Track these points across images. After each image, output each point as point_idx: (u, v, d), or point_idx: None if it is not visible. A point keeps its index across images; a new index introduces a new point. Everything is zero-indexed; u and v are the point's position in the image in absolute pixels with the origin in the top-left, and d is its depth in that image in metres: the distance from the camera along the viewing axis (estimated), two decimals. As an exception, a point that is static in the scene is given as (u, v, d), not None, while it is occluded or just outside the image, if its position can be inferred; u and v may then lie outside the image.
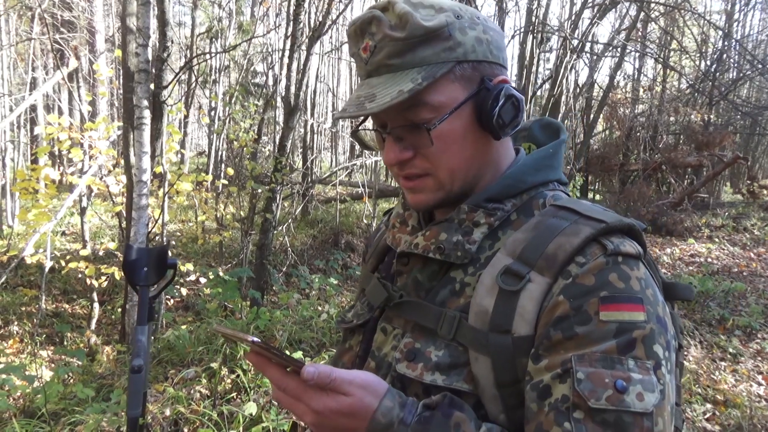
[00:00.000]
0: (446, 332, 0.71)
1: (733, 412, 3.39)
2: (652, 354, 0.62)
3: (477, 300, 0.70)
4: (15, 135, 10.14)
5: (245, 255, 5.70)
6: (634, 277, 0.65)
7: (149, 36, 3.63)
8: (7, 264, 4.55)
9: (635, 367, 0.61)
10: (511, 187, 0.77)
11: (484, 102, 0.72)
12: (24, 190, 4.28)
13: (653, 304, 0.65)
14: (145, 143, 3.71)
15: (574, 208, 0.72)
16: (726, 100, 12.76)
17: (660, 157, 11.07)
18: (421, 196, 0.77)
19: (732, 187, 17.37)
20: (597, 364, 0.61)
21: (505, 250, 0.71)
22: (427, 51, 0.70)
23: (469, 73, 0.72)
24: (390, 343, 0.77)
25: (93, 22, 9.74)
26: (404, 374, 0.72)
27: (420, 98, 0.70)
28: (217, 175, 9.11)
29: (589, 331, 0.63)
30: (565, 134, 0.87)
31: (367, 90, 0.71)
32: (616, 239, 0.68)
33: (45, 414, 2.90)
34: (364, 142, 0.89)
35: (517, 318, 0.67)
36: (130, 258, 1.15)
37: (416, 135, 0.73)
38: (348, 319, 0.88)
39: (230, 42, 10.10)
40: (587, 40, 9.80)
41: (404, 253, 0.80)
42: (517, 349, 0.67)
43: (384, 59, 0.71)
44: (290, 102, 5.41)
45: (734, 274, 6.94)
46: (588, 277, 0.65)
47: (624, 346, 0.62)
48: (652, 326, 0.63)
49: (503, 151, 0.80)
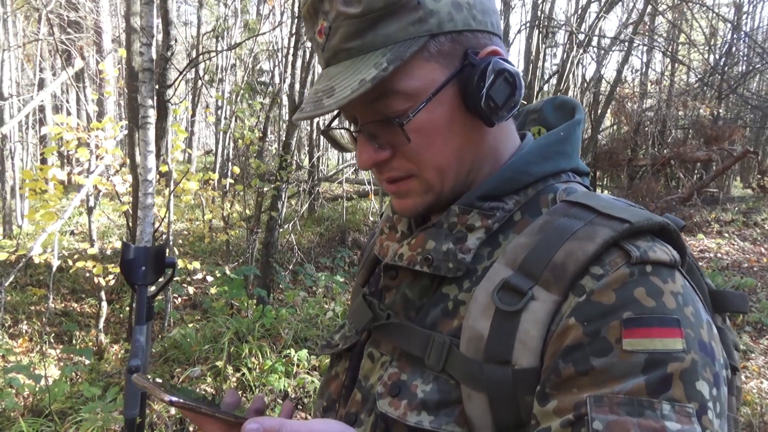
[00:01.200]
0: (434, 362, 0.58)
1: (744, 409, 3.35)
2: (695, 394, 0.47)
3: (470, 322, 0.56)
4: (23, 136, 10.21)
5: (252, 253, 5.71)
6: (668, 292, 0.51)
7: (153, 35, 3.64)
8: (15, 263, 4.58)
9: (672, 414, 0.46)
10: (512, 180, 0.63)
11: (468, 81, 0.59)
12: (32, 190, 4.31)
13: (694, 326, 0.50)
14: (150, 142, 3.72)
15: (590, 204, 0.57)
16: (735, 94, 12.62)
17: (669, 152, 10.98)
18: (408, 201, 0.65)
19: (742, 182, 17.20)
20: (620, 409, 0.47)
21: (504, 259, 0.58)
22: (391, 26, 0.56)
23: (448, 47, 0.58)
24: (377, 371, 0.65)
25: (99, 22, 9.78)
26: (386, 413, 0.59)
27: (388, 86, 0.57)
28: (224, 173, 9.14)
29: (608, 364, 0.49)
30: (582, 114, 0.71)
31: (325, 83, 0.59)
32: (643, 243, 0.54)
33: (52, 413, 2.92)
34: (338, 142, 0.74)
35: (518, 346, 0.53)
36: (127, 257, 1.14)
37: (391, 131, 0.60)
38: (334, 342, 0.75)
39: (236, 41, 10.11)
40: (594, 34, 9.74)
41: (391, 265, 0.67)
42: (518, 384, 0.53)
43: (340, 42, 0.58)
44: (295, 99, 5.40)
45: (744, 269, 6.88)
46: (607, 294, 0.51)
47: (656, 385, 0.47)
48: (693, 356, 0.48)
49: (503, 138, 0.66)
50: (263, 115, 7.72)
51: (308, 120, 1.18)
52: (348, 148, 0.74)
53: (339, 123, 0.73)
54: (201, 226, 8.31)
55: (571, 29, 8.84)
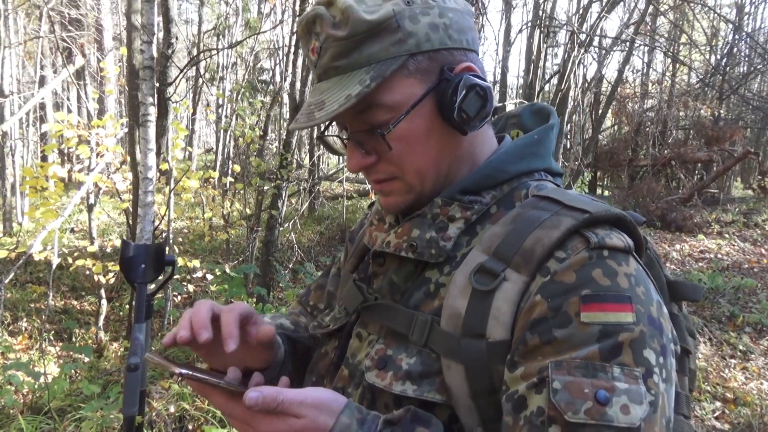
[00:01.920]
0: (418, 338, 0.66)
1: (743, 410, 3.35)
2: (642, 360, 0.55)
3: (449, 302, 0.64)
4: (24, 133, 10.21)
5: (252, 252, 5.71)
6: (621, 273, 0.59)
7: (154, 33, 3.63)
8: (16, 261, 4.58)
9: (621, 376, 0.54)
10: (489, 177, 0.71)
11: (444, 95, 0.66)
12: (32, 188, 4.31)
13: (645, 303, 0.58)
14: (151, 140, 3.71)
15: (557, 198, 0.65)
16: (736, 95, 12.62)
17: (669, 152, 10.98)
18: (392, 199, 0.73)
19: (743, 183, 17.20)
20: (576, 372, 0.54)
21: (481, 246, 0.65)
22: (373, 47, 0.63)
23: (426, 65, 0.66)
24: (365, 349, 0.72)
25: (100, 19, 9.78)
26: (373, 383, 0.66)
27: (372, 99, 0.65)
28: (225, 172, 9.14)
29: (568, 334, 0.56)
30: (556, 119, 0.79)
31: (317, 96, 0.66)
32: (601, 231, 0.61)
33: (51, 410, 2.92)
34: (331, 147, 0.83)
35: (492, 321, 0.61)
36: (127, 255, 1.14)
37: (375, 140, 0.68)
38: (325, 323, 0.82)
39: (237, 39, 10.10)
40: (595, 34, 9.73)
41: (379, 253, 0.75)
42: (492, 355, 0.61)
43: (330, 61, 0.65)
44: (295, 98, 5.40)
45: (745, 270, 6.87)
46: (568, 274, 0.59)
47: (608, 352, 0.55)
48: (642, 328, 0.56)
49: (479, 143, 0.74)
50: (264, 113, 7.72)
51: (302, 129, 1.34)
52: (340, 152, 0.83)
53: (332, 131, 0.80)
54: (201, 224, 8.31)
55: (572, 29, 8.83)
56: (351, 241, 0.94)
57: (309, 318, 0.96)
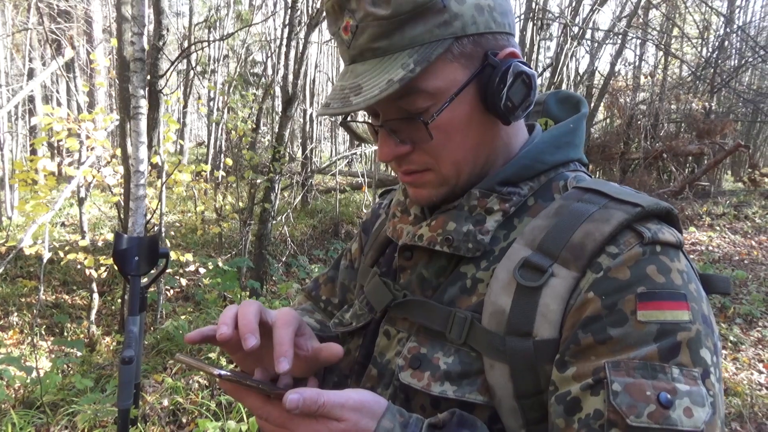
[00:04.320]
0: (456, 336, 0.62)
1: (734, 400, 3.38)
2: (700, 360, 0.53)
3: (491, 298, 0.61)
4: (13, 126, 10.10)
5: (244, 245, 5.69)
6: (675, 270, 0.56)
7: (144, 24, 3.59)
8: (5, 255, 4.54)
9: (680, 377, 0.52)
10: (528, 168, 0.67)
11: (489, 82, 0.62)
12: (22, 181, 4.26)
13: (698, 300, 0.56)
14: (142, 133, 3.67)
15: (602, 190, 0.63)
16: (728, 88, 12.68)
17: (661, 145, 11.01)
18: (423, 192, 0.68)
19: (733, 176, 17.31)
20: (636, 373, 0.52)
21: (523, 240, 0.62)
22: (417, 29, 0.58)
23: (470, 49, 0.61)
24: (394, 348, 0.68)
25: (90, 11, 9.67)
26: (409, 384, 0.63)
27: (414, 85, 0.60)
28: (217, 165, 9.08)
29: (625, 333, 0.54)
30: (587, 108, 0.76)
31: (351, 80, 0.61)
32: (653, 225, 0.59)
33: (43, 405, 2.90)
34: (357, 134, 0.79)
35: (539, 318, 0.58)
36: (120, 247, 1.12)
37: (413, 128, 0.63)
38: (346, 321, 0.77)
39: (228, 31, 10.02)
40: (588, 27, 9.73)
41: (407, 246, 0.70)
42: (539, 354, 0.58)
43: (368, 42, 0.60)
44: (288, 91, 5.37)
45: (735, 262, 6.93)
46: (622, 270, 0.56)
47: (667, 352, 0.53)
48: (698, 327, 0.54)
49: (514, 133, 0.70)
50: (256, 106, 7.68)
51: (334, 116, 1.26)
52: (365, 138, 0.78)
53: (358, 116, 0.75)
54: (193, 217, 8.28)
55: (565, 21, 8.83)
56: (365, 233, 0.89)
57: (323, 314, 0.93)
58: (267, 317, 0.64)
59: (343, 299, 0.89)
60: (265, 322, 0.63)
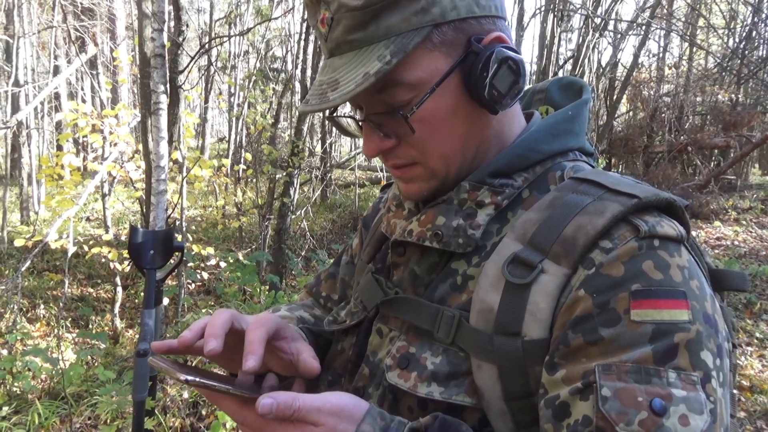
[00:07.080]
0: (444, 335, 0.59)
1: (760, 398, 3.32)
2: (699, 363, 0.49)
3: (480, 295, 0.58)
4: (39, 123, 10.30)
5: (264, 239, 5.73)
6: (674, 265, 0.52)
7: (164, 20, 3.63)
8: (32, 249, 4.64)
9: (677, 381, 0.48)
10: (521, 157, 0.64)
11: (472, 69, 0.58)
12: (49, 176, 4.36)
13: (699, 298, 0.52)
14: (163, 128, 3.73)
15: (598, 180, 0.59)
16: (755, 79, 12.36)
17: (685, 138, 10.80)
18: (414, 186, 0.66)
19: (761, 169, 16.91)
20: (628, 377, 0.48)
21: (514, 234, 0.59)
22: (393, 18, 0.56)
23: (451, 36, 0.58)
24: (386, 347, 0.66)
25: (113, 8, 9.80)
26: (395, 385, 0.61)
27: (392, 78, 0.57)
28: (237, 160, 9.16)
29: (617, 334, 0.50)
30: (589, 94, 0.71)
31: (329, 74, 0.59)
32: (651, 218, 0.55)
33: (67, 396, 2.97)
34: (344, 128, 0.75)
35: (528, 317, 0.55)
36: (135, 240, 1.14)
37: (395, 121, 0.61)
38: (341, 318, 0.75)
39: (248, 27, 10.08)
40: (610, 18, 9.57)
41: (399, 242, 0.68)
42: (528, 355, 0.55)
43: (344, 34, 0.58)
44: (307, 85, 5.38)
45: (762, 257, 6.77)
46: (616, 266, 0.52)
47: (663, 354, 0.49)
48: (698, 327, 0.50)
49: (508, 122, 0.66)
50: (276, 101, 7.72)
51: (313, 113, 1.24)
52: (354, 133, 0.74)
53: (345, 111, 0.73)
54: (214, 212, 8.37)
55: (586, 13, 8.70)
56: (366, 228, 0.88)
57: (322, 310, 0.91)
58: (241, 323, 0.64)
59: (344, 295, 0.87)
60: (238, 329, 0.63)
